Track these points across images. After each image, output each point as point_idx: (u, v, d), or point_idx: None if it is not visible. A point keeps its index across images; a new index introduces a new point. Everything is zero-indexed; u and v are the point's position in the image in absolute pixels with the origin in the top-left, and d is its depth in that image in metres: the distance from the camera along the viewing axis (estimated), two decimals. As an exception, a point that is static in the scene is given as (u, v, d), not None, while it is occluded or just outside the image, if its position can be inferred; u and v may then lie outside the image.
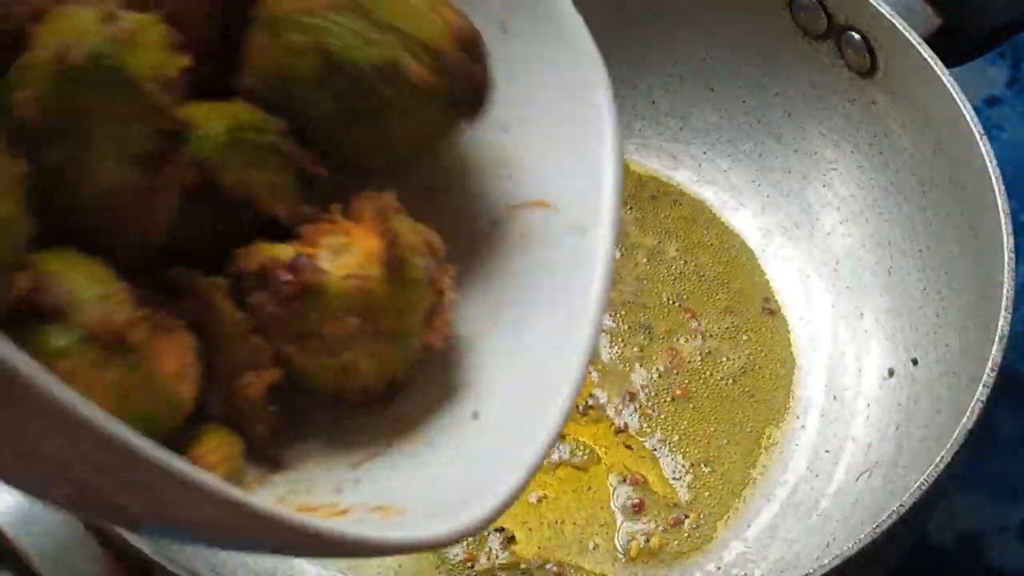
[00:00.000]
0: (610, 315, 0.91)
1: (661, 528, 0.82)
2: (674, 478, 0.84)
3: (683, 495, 0.84)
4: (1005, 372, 0.76)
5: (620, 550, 0.81)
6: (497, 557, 0.81)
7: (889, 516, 0.70)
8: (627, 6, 0.97)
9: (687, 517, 0.83)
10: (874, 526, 0.70)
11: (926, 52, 0.85)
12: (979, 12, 0.89)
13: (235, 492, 0.40)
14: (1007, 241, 0.78)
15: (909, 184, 0.90)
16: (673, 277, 0.94)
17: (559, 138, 0.58)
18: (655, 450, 0.86)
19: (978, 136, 0.82)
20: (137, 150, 0.49)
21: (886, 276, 0.91)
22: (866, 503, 0.82)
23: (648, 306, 0.92)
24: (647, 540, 0.82)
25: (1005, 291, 0.76)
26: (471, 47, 0.55)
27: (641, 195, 0.97)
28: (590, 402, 0.87)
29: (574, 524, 0.82)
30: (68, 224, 0.50)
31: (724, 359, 0.90)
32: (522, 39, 0.59)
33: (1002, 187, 0.80)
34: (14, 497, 0.72)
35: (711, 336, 0.91)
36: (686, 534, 0.82)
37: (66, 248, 0.50)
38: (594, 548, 0.81)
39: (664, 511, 0.83)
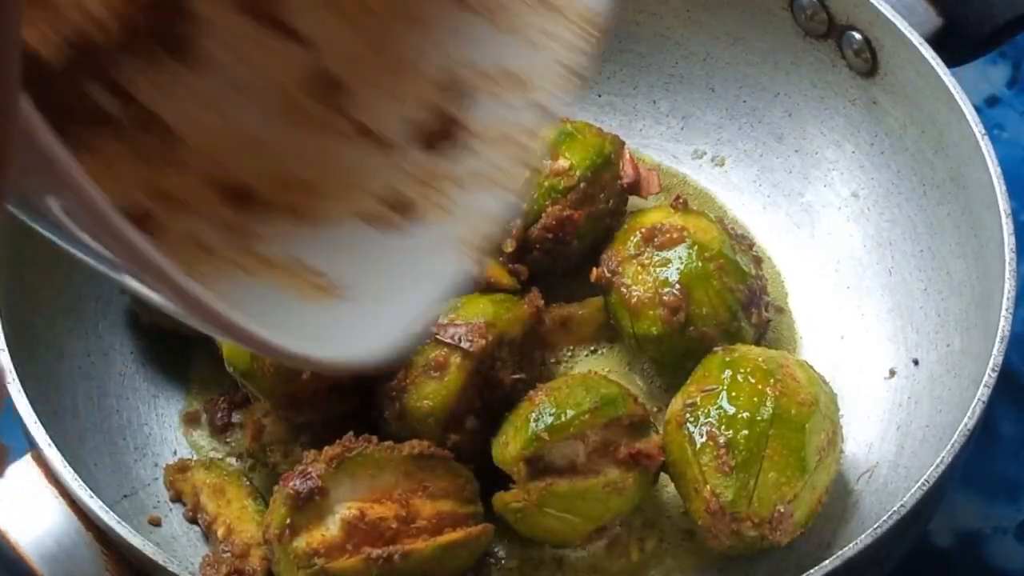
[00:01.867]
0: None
1: (663, 528, 0.82)
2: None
3: (684, 495, 0.84)
4: (1005, 372, 0.76)
5: (621, 550, 0.81)
6: (497, 551, 0.81)
7: (889, 516, 0.70)
8: (627, 6, 0.97)
9: (688, 517, 0.83)
10: (874, 526, 0.70)
11: (926, 52, 0.85)
12: (979, 12, 0.89)
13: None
14: (1007, 241, 0.78)
15: (910, 184, 0.89)
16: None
17: None
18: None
19: (978, 136, 0.82)
20: None
21: (886, 276, 0.90)
22: (866, 503, 0.82)
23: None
24: (650, 541, 0.82)
25: (1005, 291, 0.76)
26: None
27: (642, 195, 0.97)
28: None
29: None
30: None
31: (725, 359, 0.90)
32: None
33: (1002, 187, 0.80)
34: (17, 499, 0.73)
35: (712, 336, 0.91)
36: (687, 533, 0.82)
37: None
38: (594, 546, 0.81)
39: (666, 511, 0.83)
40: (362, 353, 0.48)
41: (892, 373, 0.87)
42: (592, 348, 0.88)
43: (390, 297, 0.51)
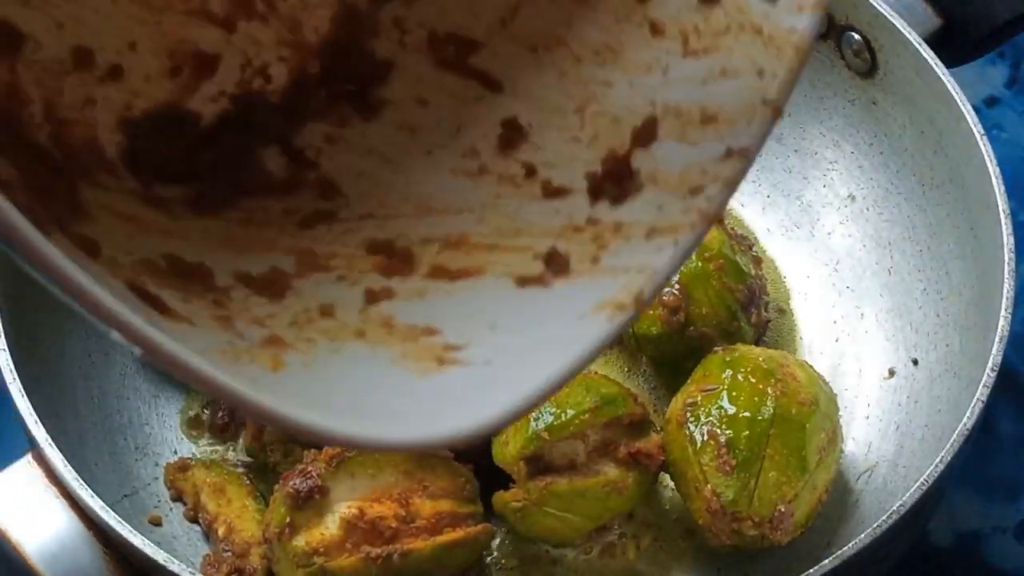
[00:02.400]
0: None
1: (660, 528, 0.82)
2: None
3: (683, 495, 0.84)
4: (1005, 372, 0.76)
5: (620, 550, 0.81)
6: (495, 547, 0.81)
7: (889, 516, 0.70)
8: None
9: (687, 516, 0.83)
10: (874, 526, 0.70)
11: (926, 52, 0.85)
12: (979, 12, 0.89)
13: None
14: (1007, 241, 0.78)
15: (909, 184, 0.90)
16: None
17: None
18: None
19: (978, 136, 0.82)
20: None
21: (886, 276, 0.91)
22: (866, 503, 0.82)
23: (648, 306, 0.92)
24: (647, 540, 0.82)
25: (1005, 291, 0.76)
26: None
27: (641, 195, 0.97)
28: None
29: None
30: None
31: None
32: None
33: (1002, 187, 0.80)
34: (18, 499, 0.73)
35: (711, 336, 0.91)
36: (687, 533, 0.82)
37: None
38: (593, 546, 0.81)
39: (664, 511, 0.83)
40: (452, 429, 0.43)
41: (892, 373, 0.87)
42: (592, 348, 0.88)
43: (506, 361, 0.45)
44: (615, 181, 0.50)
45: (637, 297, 0.46)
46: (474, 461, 0.78)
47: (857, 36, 0.89)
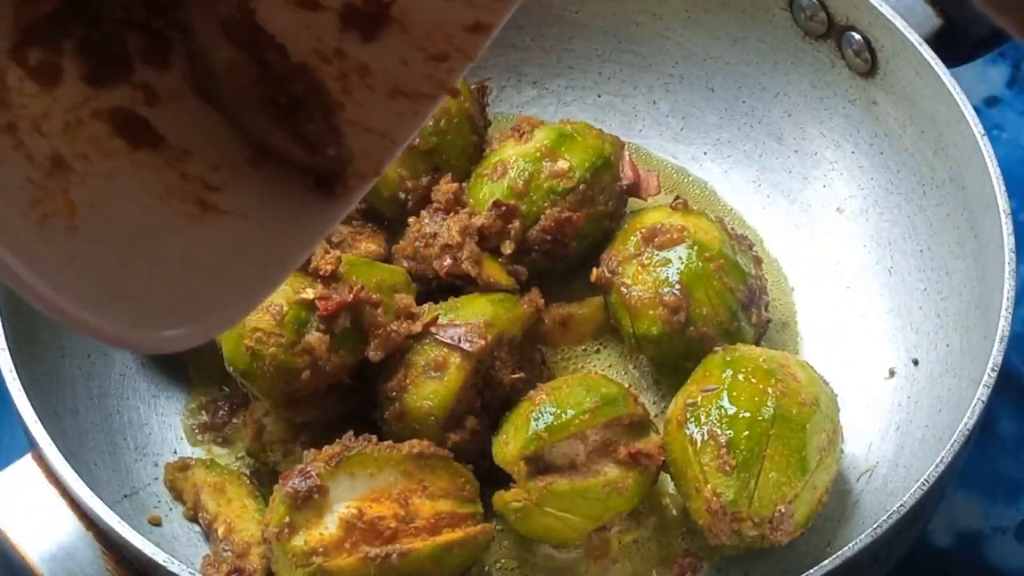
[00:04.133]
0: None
1: (660, 528, 0.82)
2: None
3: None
4: (1005, 372, 0.76)
5: (619, 550, 0.81)
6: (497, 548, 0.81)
7: (889, 516, 0.70)
8: (627, 6, 0.97)
9: (687, 516, 0.83)
10: (874, 526, 0.70)
11: (926, 52, 0.85)
12: (979, 12, 0.88)
13: None
14: (1007, 241, 0.78)
15: (909, 184, 0.90)
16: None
17: None
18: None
19: (978, 136, 0.82)
20: None
21: (886, 276, 0.91)
22: (866, 503, 0.82)
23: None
24: (646, 539, 0.82)
25: (1005, 291, 0.77)
26: None
27: (641, 195, 0.97)
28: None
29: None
30: None
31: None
32: None
33: (1002, 187, 0.80)
34: (18, 499, 0.73)
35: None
36: (687, 533, 0.82)
37: None
38: (592, 546, 0.81)
39: (663, 510, 0.83)
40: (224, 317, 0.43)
41: (892, 373, 0.87)
42: (592, 348, 0.89)
43: (261, 218, 0.45)
44: (367, 12, 0.49)
45: (376, 167, 0.47)
46: (474, 462, 0.78)
47: (857, 36, 0.89)
